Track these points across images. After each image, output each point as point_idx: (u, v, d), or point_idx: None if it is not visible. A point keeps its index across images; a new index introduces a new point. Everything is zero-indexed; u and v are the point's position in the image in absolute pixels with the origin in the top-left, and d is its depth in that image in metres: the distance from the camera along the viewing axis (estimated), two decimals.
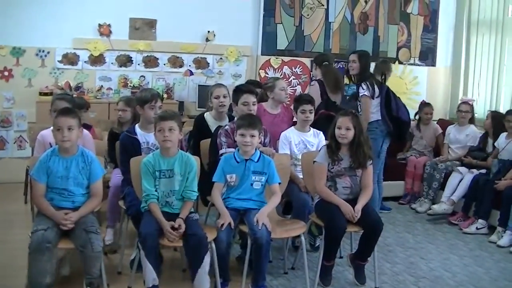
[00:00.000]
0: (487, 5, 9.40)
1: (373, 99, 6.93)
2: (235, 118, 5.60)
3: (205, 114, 6.25)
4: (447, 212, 7.39)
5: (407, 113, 7.19)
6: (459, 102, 8.52)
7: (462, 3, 9.94)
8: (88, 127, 6.28)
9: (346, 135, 5.04)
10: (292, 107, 6.32)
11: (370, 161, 5.18)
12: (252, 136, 4.89)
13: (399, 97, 7.31)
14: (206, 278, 4.55)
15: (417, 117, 8.58)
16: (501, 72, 9.10)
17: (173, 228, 4.49)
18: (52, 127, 4.69)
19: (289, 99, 7.50)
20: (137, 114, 5.62)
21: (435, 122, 8.80)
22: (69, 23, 8.38)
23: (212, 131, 5.89)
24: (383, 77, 7.37)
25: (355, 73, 7.12)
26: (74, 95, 7.58)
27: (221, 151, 5.36)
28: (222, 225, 4.70)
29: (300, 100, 6.07)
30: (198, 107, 8.76)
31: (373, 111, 6.92)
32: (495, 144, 7.39)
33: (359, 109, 6.87)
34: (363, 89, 6.95)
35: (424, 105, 8.66)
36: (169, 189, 4.72)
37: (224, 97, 6.04)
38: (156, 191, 4.68)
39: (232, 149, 5.18)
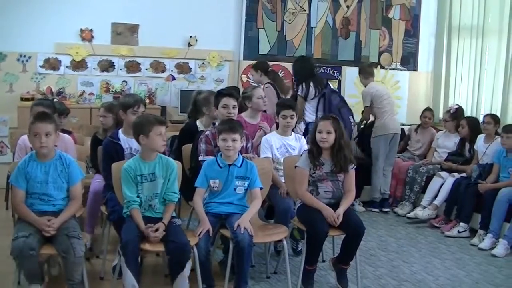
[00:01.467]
0: (468, 10, 9.47)
1: (306, 100, 7.40)
2: (216, 123, 5.62)
3: (197, 122, 6.24)
4: (431, 217, 7.43)
5: (341, 118, 7.22)
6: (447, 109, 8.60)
7: (443, 8, 10.02)
8: (67, 133, 6.26)
9: (327, 138, 5.05)
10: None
11: (352, 165, 5.19)
12: (234, 140, 4.89)
13: (344, 102, 7.67)
14: (185, 283, 4.54)
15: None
16: (481, 77, 9.16)
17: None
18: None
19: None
20: (120, 120, 5.59)
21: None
22: (50, 28, 8.36)
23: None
24: (322, 82, 7.69)
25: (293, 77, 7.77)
26: (55, 100, 7.53)
27: (200, 158, 5.37)
28: (200, 232, 4.68)
29: (282, 105, 6.09)
30: (180, 112, 8.75)
31: (310, 112, 7.32)
32: (474, 147, 7.46)
33: None
34: (299, 89, 7.48)
35: (426, 110, 8.77)
36: (152, 193, 4.71)
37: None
38: (138, 196, 4.66)
39: (211, 157, 5.17)
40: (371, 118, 8.29)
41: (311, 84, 7.49)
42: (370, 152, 8.20)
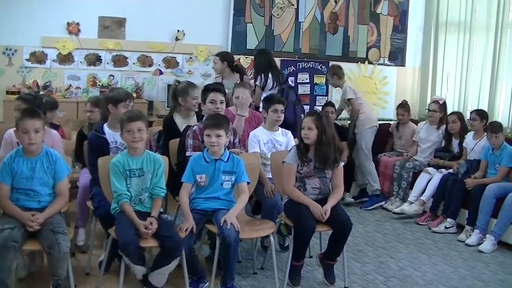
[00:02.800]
0: (455, 6, 9.49)
1: (263, 90, 7.59)
2: (204, 118, 5.60)
3: (173, 115, 6.21)
4: (418, 212, 7.45)
5: (294, 114, 7.49)
6: (430, 101, 8.56)
7: (430, 4, 10.03)
8: (56, 126, 6.23)
9: (308, 135, 5.05)
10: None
11: (341, 162, 5.18)
12: (218, 136, 4.87)
13: (299, 100, 7.99)
14: (165, 276, 4.55)
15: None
16: (469, 73, 9.19)
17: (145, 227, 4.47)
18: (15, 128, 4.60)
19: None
20: (106, 114, 5.55)
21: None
22: (37, 21, 8.29)
23: (181, 131, 5.92)
24: (282, 76, 7.99)
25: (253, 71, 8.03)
26: (40, 93, 7.49)
27: (187, 153, 5.34)
28: (186, 229, 4.66)
29: (272, 100, 6.10)
30: (168, 107, 8.68)
31: None
32: (464, 144, 7.46)
33: None
34: (258, 80, 7.69)
35: (399, 106, 8.73)
36: (141, 188, 4.70)
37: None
38: (128, 190, 4.64)
39: (198, 152, 5.14)
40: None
41: (270, 75, 7.70)
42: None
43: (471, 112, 7.69)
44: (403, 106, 8.66)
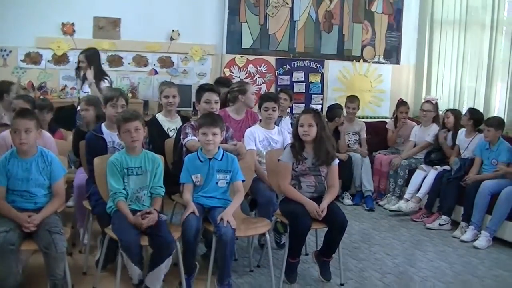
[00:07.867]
0: (450, 4, 9.50)
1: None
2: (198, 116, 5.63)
3: (156, 115, 6.33)
4: (414, 210, 7.47)
5: None
6: (423, 101, 8.58)
7: (425, 2, 10.04)
8: (54, 129, 6.26)
9: (308, 131, 5.06)
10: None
11: (335, 159, 5.20)
12: (214, 134, 4.89)
13: None
14: (160, 276, 4.57)
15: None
16: (464, 70, 9.20)
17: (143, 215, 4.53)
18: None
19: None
20: (100, 113, 5.62)
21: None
22: (32, 22, 8.29)
23: (166, 131, 6.07)
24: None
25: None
26: (35, 95, 7.50)
27: (186, 139, 5.35)
28: (189, 215, 4.69)
29: (265, 97, 6.14)
30: None
31: None
32: (456, 141, 7.48)
33: None
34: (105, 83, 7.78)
35: (400, 104, 8.76)
36: (138, 186, 4.73)
37: (174, 97, 6.19)
38: (124, 189, 4.67)
39: (196, 138, 5.17)
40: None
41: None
42: None
43: (467, 111, 7.66)
44: (405, 104, 8.71)
